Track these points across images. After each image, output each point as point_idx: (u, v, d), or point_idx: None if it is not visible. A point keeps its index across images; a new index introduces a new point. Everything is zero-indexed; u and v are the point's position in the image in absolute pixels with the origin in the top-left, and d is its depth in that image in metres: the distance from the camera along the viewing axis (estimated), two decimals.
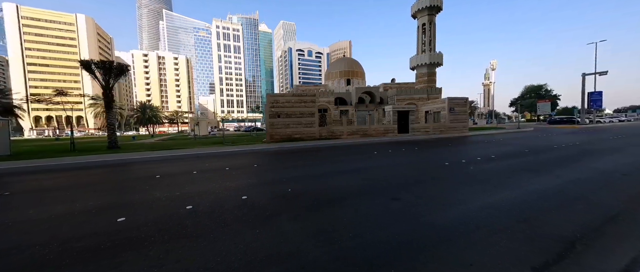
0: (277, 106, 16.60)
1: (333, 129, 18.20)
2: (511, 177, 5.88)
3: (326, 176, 6.59)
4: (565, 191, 4.71)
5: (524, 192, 4.68)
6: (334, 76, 35.75)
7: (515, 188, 4.99)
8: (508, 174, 6.22)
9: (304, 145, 14.48)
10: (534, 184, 5.23)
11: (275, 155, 11.70)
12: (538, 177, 5.88)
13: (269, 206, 4.22)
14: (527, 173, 6.29)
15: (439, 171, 6.89)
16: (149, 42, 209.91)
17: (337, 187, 5.37)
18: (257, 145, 15.19)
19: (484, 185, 5.27)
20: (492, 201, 4.25)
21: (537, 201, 4.17)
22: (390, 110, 20.40)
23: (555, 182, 5.35)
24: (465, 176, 6.19)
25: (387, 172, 6.79)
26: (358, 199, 4.50)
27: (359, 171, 7.06)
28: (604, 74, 33.34)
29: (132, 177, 7.46)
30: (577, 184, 5.22)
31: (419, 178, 6.06)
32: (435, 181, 5.71)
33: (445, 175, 6.34)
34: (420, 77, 28.08)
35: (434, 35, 26.90)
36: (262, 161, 9.77)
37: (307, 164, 8.95)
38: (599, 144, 12.29)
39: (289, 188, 5.26)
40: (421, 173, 6.67)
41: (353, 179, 6.16)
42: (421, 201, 4.34)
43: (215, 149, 13.54)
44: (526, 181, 5.53)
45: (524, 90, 78.18)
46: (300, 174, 6.99)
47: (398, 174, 6.61)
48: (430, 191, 4.95)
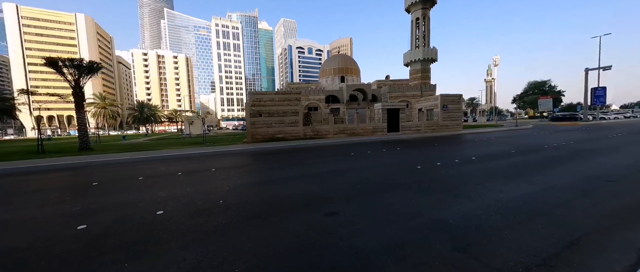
0: (260, 105, 16.03)
1: (318, 128, 17.55)
2: (480, 184, 5.22)
3: (279, 182, 6.00)
4: (531, 203, 4.05)
5: (483, 204, 4.03)
6: (328, 73, 35.01)
7: (477, 198, 4.34)
8: (479, 180, 5.56)
9: (284, 145, 13.89)
10: (500, 193, 4.58)
11: (246, 157, 11.14)
12: (510, 183, 5.22)
13: (179, 226, 3.64)
14: (500, 179, 5.63)
15: (406, 176, 6.26)
16: (151, 41, 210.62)
17: (279, 197, 4.77)
18: (236, 145, 14.65)
19: (445, 194, 4.63)
20: (441, 216, 3.62)
21: (492, 217, 3.53)
22: (379, 108, 19.67)
23: (525, 191, 4.69)
24: (431, 182, 5.55)
25: (349, 178, 6.18)
26: (289, 214, 3.89)
27: (319, 177, 6.45)
28: (607, 68, 32.08)
29: (67, 184, 6.95)
30: (550, 193, 4.55)
31: (379, 185, 5.44)
32: (395, 189, 5.08)
33: (410, 181, 5.70)
34: (414, 74, 27.19)
35: (428, 30, 25.97)
36: (225, 164, 9.21)
37: (272, 167, 8.39)
38: (595, 143, 11.51)
39: (222, 199, 4.67)
40: (385, 179, 6.03)
41: (306, 186, 5.57)
42: (360, 215, 3.72)
43: (191, 150, 13.03)
44: (494, 188, 4.87)
45: (527, 86, 76.31)
46: (254, 179, 6.43)
47: (359, 179, 5.99)
48: (382, 201, 4.33)
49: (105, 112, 57.86)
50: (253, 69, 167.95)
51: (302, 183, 5.83)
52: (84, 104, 15.05)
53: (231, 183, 5.96)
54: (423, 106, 23.99)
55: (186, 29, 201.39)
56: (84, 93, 15.10)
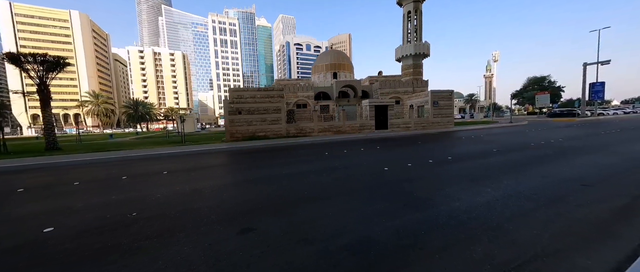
0: (241, 102, 15.44)
1: (302, 126, 16.96)
2: (441, 190, 4.68)
3: (221, 188, 5.46)
4: (485, 214, 3.49)
5: (430, 216, 3.47)
6: (320, 70, 34.27)
7: (428, 208, 3.79)
8: (442, 185, 5.02)
9: (262, 144, 13.34)
10: (457, 201, 4.03)
11: (214, 157, 10.60)
12: (474, 188, 4.67)
13: (49, 250, 3.10)
14: (466, 183, 5.07)
15: (367, 179, 5.71)
16: (149, 38, 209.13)
17: (202, 209, 4.23)
18: (214, 144, 14.11)
19: (394, 203, 4.09)
20: (370, 233, 3.07)
21: (432, 234, 2.97)
22: (366, 105, 19.05)
23: (486, 198, 4.13)
24: (388, 186, 5.00)
25: (303, 182, 5.63)
26: (195, 232, 3.35)
27: (272, 180, 5.91)
28: (606, 63, 31.29)
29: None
30: (512, 201, 3.99)
31: (329, 191, 4.89)
32: (343, 196, 4.54)
33: (365, 186, 5.16)
34: (406, 69, 26.45)
35: (420, 23, 25.16)
36: (186, 166, 8.67)
37: (232, 169, 7.87)
38: (584, 140, 10.93)
39: (138, 211, 4.12)
40: (343, 183, 5.49)
41: (247, 192, 5.04)
42: (280, 233, 3.18)
43: (165, 150, 12.50)
44: (453, 195, 4.32)
45: (527, 81, 75.33)
46: (198, 185, 5.88)
47: (312, 184, 5.45)
48: (317, 213, 3.79)
49: (98, 110, 57.32)
50: (251, 65, 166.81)
51: (245, 189, 5.30)
52: (50, 101, 14.45)
53: (168, 190, 5.42)
54: (414, 103, 23.34)
55: (184, 25, 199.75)
56: (49, 90, 14.48)
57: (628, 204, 3.75)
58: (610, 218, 3.29)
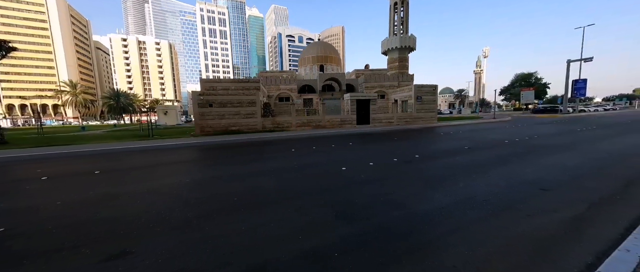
0: (213, 94, 14.58)
1: (279, 120, 16.28)
2: (388, 195, 4.21)
3: (145, 195, 4.83)
4: (417, 229, 3.02)
5: (358, 231, 2.97)
6: (307, 62, 33.32)
7: (361, 219, 3.30)
8: (392, 189, 4.57)
9: (233, 139, 12.62)
10: (397, 210, 3.55)
11: (172, 153, 9.88)
12: (424, 193, 4.23)
13: None
14: (419, 186, 4.64)
15: (317, 182, 5.21)
16: (135, 26, 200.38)
17: (94, 223, 3.61)
18: (182, 139, 13.31)
19: (326, 213, 3.58)
20: (272, 256, 2.54)
21: (332, 261, 2.46)
22: (348, 98, 18.49)
23: (429, 206, 3.67)
24: (333, 192, 4.51)
25: (248, 184, 5.07)
26: (40, 257, 2.73)
27: (212, 183, 5.32)
28: (588, 60, 31.63)
29: None
30: (459, 208, 3.55)
31: (270, 197, 4.36)
32: (281, 203, 4.02)
33: (311, 190, 4.65)
34: (391, 63, 25.91)
35: (407, 16, 24.51)
36: (129, 165, 7.96)
37: (181, 168, 7.20)
38: (559, 137, 10.75)
39: (4, 228, 3.44)
40: (290, 186, 4.96)
41: (171, 199, 4.43)
42: (160, 258, 2.60)
43: (126, 145, 11.66)
44: (397, 202, 3.86)
45: (514, 78, 76.37)
46: (134, 189, 5.24)
47: (256, 187, 4.90)
48: (237, 224, 3.23)
49: (76, 101, 54.61)
50: (242, 57, 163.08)
51: (174, 194, 4.69)
52: None
53: (78, 196, 4.75)
54: (398, 97, 22.94)
55: (172, 13, 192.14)
56: None
57: (581, 214, 3.35)
58: (557, 233, 2.87)
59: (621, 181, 4.70)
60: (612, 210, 3.46)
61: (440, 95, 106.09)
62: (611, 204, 3.68)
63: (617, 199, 3.84)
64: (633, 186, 4.37)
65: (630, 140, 9.65)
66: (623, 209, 3.46)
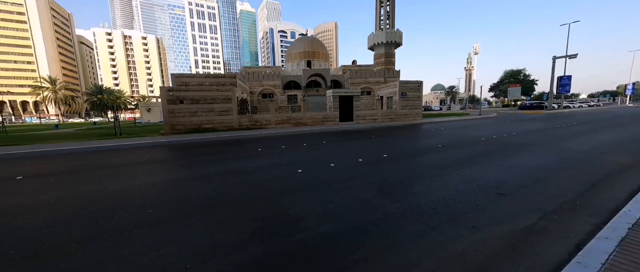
0: (185, 89, 13.82)
1: (257, 118, 15.64)
2: (329, 203, 3.77)
3: (43, 208, 4.24)
4: (338, 250, 2.56)
5: (263, 254, 2.49)
6: (294, 58, 32.54)
7: (278, 238, 2.84)
8: (340, 195, 4.10)
9: (202, 138, 11.96)
10: (329, 223, 3.10)
11: (125, 154, 9.21)
12: (371, 201, 3.80)
13: None
14: (371, 192, 4.20)
15: (263, 188, 4.74)
16: (123, 20, 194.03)
17: None
18: (149, 137, 12.57)
19: (247, 228, 3.09)
20: None
21: None
22: (330, 95, 17.97)
23: (369, 218, 3.23)
24: (272, 201, 4.04)
25: (187, 190, 4.54)
26: None
27: (148, 189, 4.74)
28: (573, 57, 31.92)
29: None
30: (400, 220, 3.12)
31: (206, 206, 3.84)
32: (208, 215, 3.51)
33: (250, 198, 4.16)
34: (378, 58, 25.45)
35: (393, 10, 24.00)
36: (69, 168, 7.29)
37: (123, 172, 6.58)
38: (536, 134, 10.55)
39: None
40: (232, 193, 4.46)
41: (73, 214, 3.85)
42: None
43: (84, 144, 10.88)
44: (335, 213, 3.41)
45: (503, 74, 77.22)
46: (40, 200, 4.63)
47: (194, 193, 4.37)
48: (133, 245, 2.70)
49: (56, 98, 52.30)
50: (233, 52, 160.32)
51: (82, 205, 4.11)
52: None
53: None
54: (383, 93, 22.56)
55: (161, 7, 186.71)
56: None
57: (531, 225, 2.95)
58: (493, 252, 2.45)
59: (586, 183, 4.36)
60: (567, 220, 3.07)
61: (431, 92, 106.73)
62: (569, 211, 3.30)
63: (576, 205, 3.47)
64: (595, 190, 4.03)
65: (605, 136, 9.48)
66: (579, 219, 3.08)
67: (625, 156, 6.27)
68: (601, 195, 3.82)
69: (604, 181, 4.42)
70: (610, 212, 3.19)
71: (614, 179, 4.54)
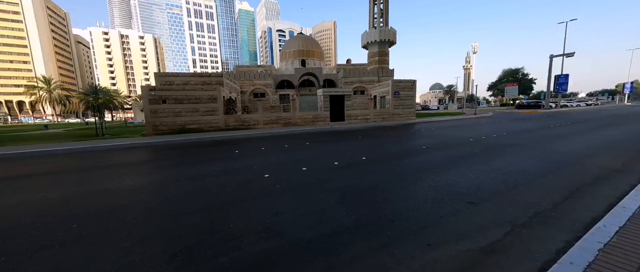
0: (169, 89, 13.45)
1: (244, 118, 15.26)
2: (277, 216, 3.44)
3: None
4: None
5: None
6: (288, 57, 32.14)
7: (194, 262, 2.47)
8: (293, 206, 3.77)
9: (182, 139, 11.54)
10: (261, 242, 2.74)
11: (89, 158, 8.88)
12: (328, 212, 3.47)
13: None
14: (331, 201, 3.86)
15: (212, 196, 4.40)
16: (121, 20, 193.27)
17: None
18: (130, 139, 12.21)
19: (163, 249, 2.74)
20: None
21: None
22: (321, 94, 17.60)
23: (315, 233, 2.88)
24: (214, 212, 3.70)
25: (126, 199, 4.19)
26: None
27: (83, 199, 4.40)
28: (570, 55, 31.58)
29: None
30: (350, 235, 2.78)
31: (138, 219, 3.50)
32: (122, 232, 3.16)
33: (189, 210, 3.81)
34: (372, 57, 25.06)
35: (386, 7, 23.59)
36: (22, 172, 6.96)
37: (66, 178, 6.25)
38: (527, 134, 10.22)
39: None
40: (174, 204, 4.11)
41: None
42: None
43: (55, 146, 10.53)
44: (276, 229, 3.08)
45: (502, 73, 76.87)
46: None
47: (130, 205, 4.03)
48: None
49: (50, 97, 51.76)
50: (232, 52, 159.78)
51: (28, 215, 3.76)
52: None
53: None
54: (377, 93, 22.20)
55: (159, 7, 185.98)
56: None
57: (494, 242, 2.61)
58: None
59: (565, 190, 4.02)
60: (536, 235, 2.73)
61: (430, 91, 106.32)
62: (540, 224, 2.96)
63: (549, 217, 3.13)
64: (574, 198, 3.68)
65: (596, 137, 9.15)
66: (550, 234, 2.74)
67: (613, 159, 5.93)
68: (579, 205, 3.47)
69: (585, 188, 4.08)
70: (586, 225, 2.85)
71: (597, 186, 4.19)
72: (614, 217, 2.68)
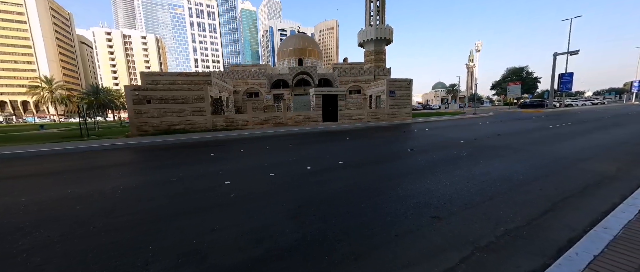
0: (155, 88, 13.18)
1: (233, 118, 14.93)
2: (212, 233, 3.04)
3: None
4: None
5: None
6: (285, 55, 31.75)
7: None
8: (229, 221, 3.39)
9: (162, 140, 11.21)
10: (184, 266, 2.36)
11: (56, 161, 8.61)
12: (272, 227, 3.06)
13: None
14: (282, 212, 3.48)
15: (141, 211, 4.03)
16: (125, 20, 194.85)
17: None
18: (113, 140, 11.96)
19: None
20: None
21: None
22: (313, 94, 17.20)
23: (241, 257, 2.50)
24: (142, 227, 3.32)
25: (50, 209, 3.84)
26: None
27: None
28: (575, 53, 30.65)
29: None
30: (282, 259, 2.38)
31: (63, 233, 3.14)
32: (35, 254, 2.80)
33: (120, 224, 3.45)
34: (368, 56, 24.52)
35: (383, 5, 23.04)
36: None
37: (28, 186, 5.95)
38: (522, 136, 9.72)
39: None
40: (84, 221, 3.76)
41: None
42: None
43: (37, 148, 10.32)
44: (188, 257, 2.69)
45: (506, 72, 75.52)
46: None
47: (44, 221, 3.68)
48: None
49: (51, 97, 52.23)
50: (234, 51, 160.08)
51: None
52: None
53: None
54: (372, 92, 21.71)
55: (162, 7, 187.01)
56: None
57: (449, 270, 2.20)
58: None
59: (547, 201, 3.58)
60: (498, 262, 2.31)
61: (432, 90, 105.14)
62: (506, 247, 2.54)
63: (520, 237, 2.71)
64: (554, 212, 3.24)
65: (596, 138, 8.62)
66: (514, 260, 2.32)
67: (610, 163, 5.44)
68: (558, 221, 3.03)
69: (570, 199, 3.63)
70: (559, 249, 2.43)
71: (584, 196, 3.74)
72: (590, 242, 2.25)
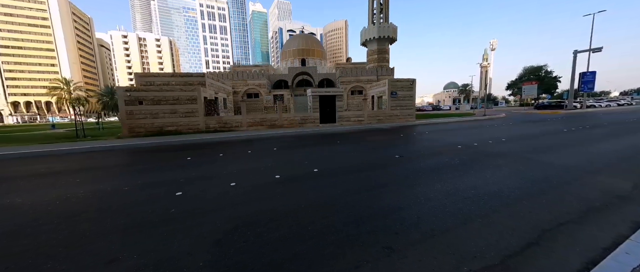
0: (146, 90, 13.11)
1: (226, 120, 14.67)
2: (158, 255, 2.58)
3: None
4: None
5: None
6: (288, 56, 31.43)
7: None
8: (166, 242, 2.92)
9: (152, 142, 11.04)
10: None
11: (37, 163, 8.51)
12: (198, 254, 2.57)
13: None
14: (214, 228, 2.98)
15: (108, 215, 3.63)
16: (143, 23, 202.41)
17: None
18: (106, 141, 11.95)
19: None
20: None
21: None
22: (310, 95, 16.68)
23: None
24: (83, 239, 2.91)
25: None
26: None
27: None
28: (598, 51, 28.45)
29: None
30: None
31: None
32: None
33: (72, 234, 3.06)
34: (371, 55, 23.68)
35: (387, 3, 22.14)
36: None
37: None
38: (529, 141, 8.79)
39: None
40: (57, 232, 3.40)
41: None
42: None
43: (27, 149, 10.42)
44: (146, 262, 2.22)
45: (523, 71, 71.90)
46: None
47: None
48: None
49: (69, 98, 54.53)
50: (244, 53, 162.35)
51: None
52: None
53: None
54: (374, 93, 20.93)
55: (177, 10, 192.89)
56: None
57: None
58: None
59: (534, 229, 2.88)
60: None
61: (444, 91, 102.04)
62: None
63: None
64: (540, 245, 2.55)
65: (614, 145, 7.58)
66: None
67: (625, 177, 4.58)
68: (543, 261, 2.36)
69: (564, 228, 2.91)
70: None
71: (583, 224, 3.00)
72: None
